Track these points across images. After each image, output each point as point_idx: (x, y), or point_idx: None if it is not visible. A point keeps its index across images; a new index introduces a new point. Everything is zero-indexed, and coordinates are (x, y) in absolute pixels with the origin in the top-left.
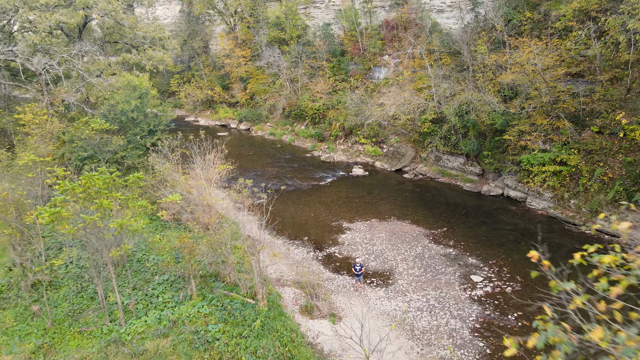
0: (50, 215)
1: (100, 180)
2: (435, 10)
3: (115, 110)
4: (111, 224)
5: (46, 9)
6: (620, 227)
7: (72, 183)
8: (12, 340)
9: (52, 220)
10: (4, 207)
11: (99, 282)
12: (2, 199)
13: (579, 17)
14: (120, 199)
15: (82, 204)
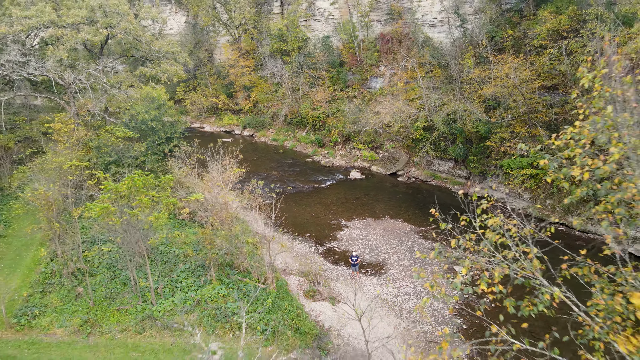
0: (100, 210)
1: (140, 180)
2: (427, 25)
3: (136, 119)
4: (149, 217)
5: (72, 27)
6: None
7: (115, 183)
8: (62, 316)
9: (101, 213)
10: (46, 205)
11: (132, 269)
12: (45, 198)
13: (552, 37)
14: (156, 197)
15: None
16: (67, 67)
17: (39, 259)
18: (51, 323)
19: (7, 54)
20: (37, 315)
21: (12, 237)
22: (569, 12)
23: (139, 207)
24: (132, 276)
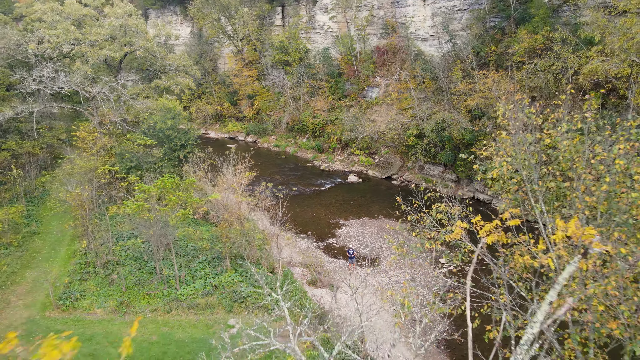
0: (137, 207)
1: (170, 182)
2: (420, 39)
3: (154, 128)
4: (177, 213)
5: (96, 44)
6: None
7: (147, 185)
8: (100, 299)
9: (137, 210)
10: (80, 205)
11: (158, 259)
12: (79, 198)
13: (529, 54)
14: (182, 196)
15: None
16: (90, 80)
17: (74, 251)
18: (91, 304)
19: (41, 70)
20: (78, 298)
21: (45, 234)
22: (543, 32)
23: (168, 205)
24: (158, 266)
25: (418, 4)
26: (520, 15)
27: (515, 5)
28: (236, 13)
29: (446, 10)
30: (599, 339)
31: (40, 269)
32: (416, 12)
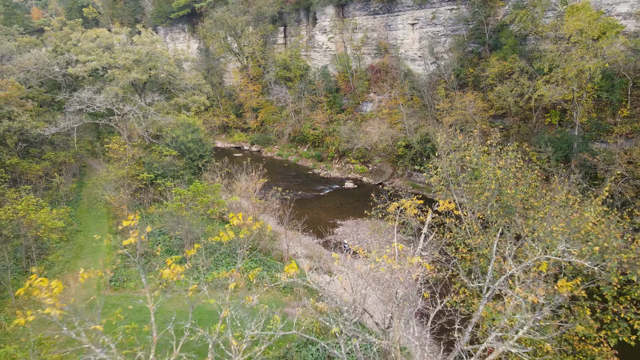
0: (176, 206)
1: (202, 186)
2: (409, 59)
3: (176, 141)
4: (208, 210)
5: (124, 68)
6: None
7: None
8: (142, 282)
9: (176, 208)
10: (119, 207)
11: (188, 248)
12: (120, 201)
13: (499, 77)
14: (211, 198)
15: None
16: (120, 99)
17: (114, 245)
18: (136, 285)
19: (81, 92)
20: (125, 281)
21: (86, 231)
22: (511, 59)
23: (200, 205)
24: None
25: (407, 28)
26: (493, 43)
27: (489, 33)
28: (242, 33)
29: (432, 35)
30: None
31: (88, 259)
32: (406, 36)
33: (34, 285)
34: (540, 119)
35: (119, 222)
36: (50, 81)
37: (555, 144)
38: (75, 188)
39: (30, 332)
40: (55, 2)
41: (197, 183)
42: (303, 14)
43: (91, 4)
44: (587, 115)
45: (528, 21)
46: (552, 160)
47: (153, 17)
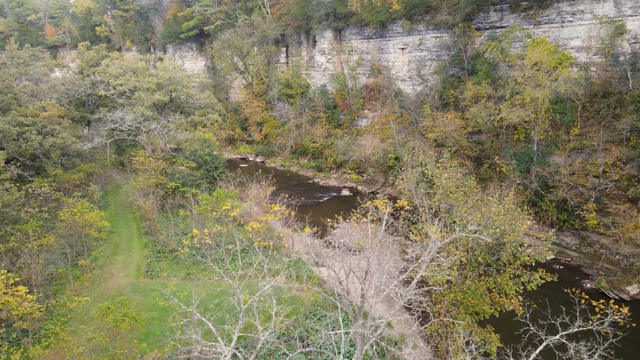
0: (203, 209)
1: (224, 193)
2: (400, 80)
3: (195, 154)
4: (230, 213)
5: (148, 90)
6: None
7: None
8: (173, 272)
9: (203, 211)
10: (151, 212)
11: (207, 248)
12: (150, 206)
13: (474, 99)
14: (230, 203)
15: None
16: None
17: (145, 243)
18: (168, 275)
19: (113, 113)
20: (158, 272)
21: (119, 232)
22: (484, 84)
23: (222, 209)
24: (207, 252)
25: (398, 52)
26: (471, 68)
27: (467, 60)
28: (248, 54)
29: (419, 59)
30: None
31: (124, 255)
32: (396, 58)
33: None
34: (510, 135)
35: (150, 223)
36: (77, 100)
37: (519, 158)
38: (102, 195)
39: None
40: (68, 21)
41: (219, 190)
42: (304, 36)
43: (103, 23)
44: (544, 133)
45: (498, 52)
46: (516, 171)
47: (163, 37)
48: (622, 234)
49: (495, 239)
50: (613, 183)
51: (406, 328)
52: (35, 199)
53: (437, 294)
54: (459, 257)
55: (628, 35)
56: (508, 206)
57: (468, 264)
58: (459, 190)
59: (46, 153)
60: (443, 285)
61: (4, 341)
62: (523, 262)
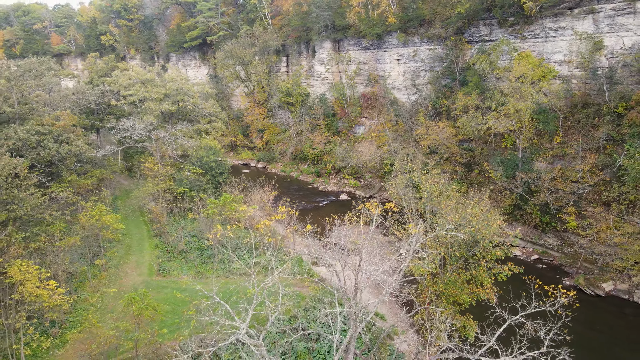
0: (212, 212)
1: (230, 197)
2: (395, 89)
3: (201, 161)
4: (237, 215)
5: (156, 100)
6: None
7: (214, 199)
8: (183, 271)
9: (211, 214)
10: (161, 215)
11: (215, 247)
12: (161, 210)
13: (464, 109)
14: (237, 206)
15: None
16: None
17: (156, 244)
18: (178, 273)
19: (124, 121)
20: (169, 270)
21: (130, 234)
22: (474, 95)
23: (229, 212)
24: (215, 252)
25: (394, 63)
26: (462, 79)
27: (459, 71)
28: (250, 63)
29: (414, 69)
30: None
31: (137, 255)
32: (392, 69)
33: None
34: (498, 143)
35: (160, 226)
36: (87, 108)
37: (505, 164)
38: (112, 200)
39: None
40: (73, 30)
41: (226, 195)
42: (304, 46)
43: (108, 32)
44: (529, 141)
45: (486, 64)
46: (502, 177)
47: (167, 46)
48: (596, 234)
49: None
50: (590, 188)
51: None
52: (57, 203)
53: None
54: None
55: (605, 50)
56: (483, 208)
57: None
58: (442, 195)
59: (62, 160)
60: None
61: (36, 330)
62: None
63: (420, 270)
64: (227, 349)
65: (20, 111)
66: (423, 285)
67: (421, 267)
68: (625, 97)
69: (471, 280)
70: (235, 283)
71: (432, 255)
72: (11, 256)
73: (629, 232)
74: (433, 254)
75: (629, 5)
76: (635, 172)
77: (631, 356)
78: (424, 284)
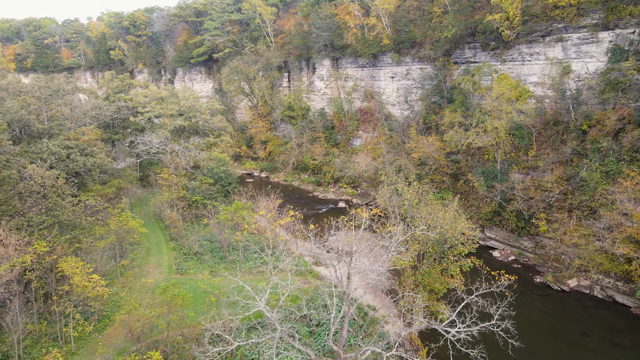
0: (225, 217)
1: (240, 205)
2: (390, 104)
3: (212, 172)
4: (246, 220)
5: (171, 117)
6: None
7: (227, 206)
8: (199, 270)
9: (225, 218)
10: (178, 220)
11: (225, 250)
12: (175, 216)
13: (450, 125)
14: (246, 212)
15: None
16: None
17: (173, 247)
18: (195, 272)
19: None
20: (186, 269)
21: (148, 238)
22: (459, 112)
23: (240, 217)
24: (226, 254)
25: (388, 80)
26: (449, 97)
27: (447, 89)
28: (254, 79)
29: (406, 87)
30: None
31: (156, 256)
32: (387, 86)
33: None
34: (481, 155)
35: (177, 230)
36: (104, 122)
37: (486, 175)
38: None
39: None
40: (83, 44)
41: (237, 203)
42: (304, 63)
43: (117, 47)
44: (507, 154)
45: (470, 84)
46: (483, 186)
47: (174, 61)
48: (561, 237)
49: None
50: (557, 196)
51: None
52: (90, 209)
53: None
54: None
55: (573, 74)
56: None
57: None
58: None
59: (87, 171)
60: (408, 270)
61: (82, 316)
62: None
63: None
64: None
65: (50, 127)
66: (405, 277)
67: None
68: (589, 116)
69: (443, 271)
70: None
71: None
72: (57, 254)
73: (585, 234)
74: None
75: (592, 35)
76: (593, 183)
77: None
78: (406, 276)
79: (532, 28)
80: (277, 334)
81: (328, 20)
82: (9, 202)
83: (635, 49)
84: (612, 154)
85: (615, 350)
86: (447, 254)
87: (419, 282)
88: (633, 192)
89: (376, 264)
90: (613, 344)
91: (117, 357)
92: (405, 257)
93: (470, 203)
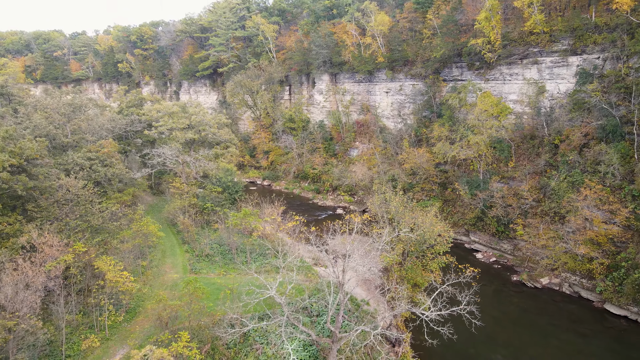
0: (235, 223)
1: (248, 211)
2: (385, 117)
3: (220, 181)
4: (253, 225)
5: (182, 130)
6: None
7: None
8: (211, 270)
9: (235, 223)
10: (190, 226)
11: (234, 252)
12: (188, 222)
13: (439, 138)
14: (253, 218)
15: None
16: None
17: (186, 249)
18: (207, 271)
19: (157, 149)
20: (200, 269)
21: (163, 242)
22: (446, 126)
23: (248, 222)
24: (234, 256)
25: (383, 95)
26: (438, 112)
27: (436, 105)
28: (257, 92)
29: (400, 101)
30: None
31: (171, 258)
32: (382, 100)
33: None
34: (467, 166)
35: (189, 234)
36: (119, 136)
37: (470, 184)
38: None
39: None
40: (92, 57)
41: (245, 210)
42: (304, 78)
43: (125, 60)
44: (488, 165)
45: (456, 101)
46: (468, 194)
47: (180, 74)
48: (533, 240)
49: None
50: (531, 203)
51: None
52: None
53: (391, 273)
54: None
55: (547, 93)
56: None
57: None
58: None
59: (108, 180)
60: (395, 266)
61: (114, 308)
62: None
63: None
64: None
65: (73, 140)
66: (392, 272)
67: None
68: (560, 132)
69: (424, 267)
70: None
71: (396, 250)
72: (90, 254)
73: (553, 236)
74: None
75: (563, 60)
76: (561, 192)
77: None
78: (392, 271)
79: (511, 51)
80: (284, 317)
81: (327, 39)
82: (49, 209)
83: (599, 73)
84: (577, 166)
85: (578, 339)
86: (426, 253)
87: (404, 276)
88: (592, 200)
89: (366, 259)
90: (577, 333)
91: (148, 339)
92: (392, 255)
93: (457, 210)
